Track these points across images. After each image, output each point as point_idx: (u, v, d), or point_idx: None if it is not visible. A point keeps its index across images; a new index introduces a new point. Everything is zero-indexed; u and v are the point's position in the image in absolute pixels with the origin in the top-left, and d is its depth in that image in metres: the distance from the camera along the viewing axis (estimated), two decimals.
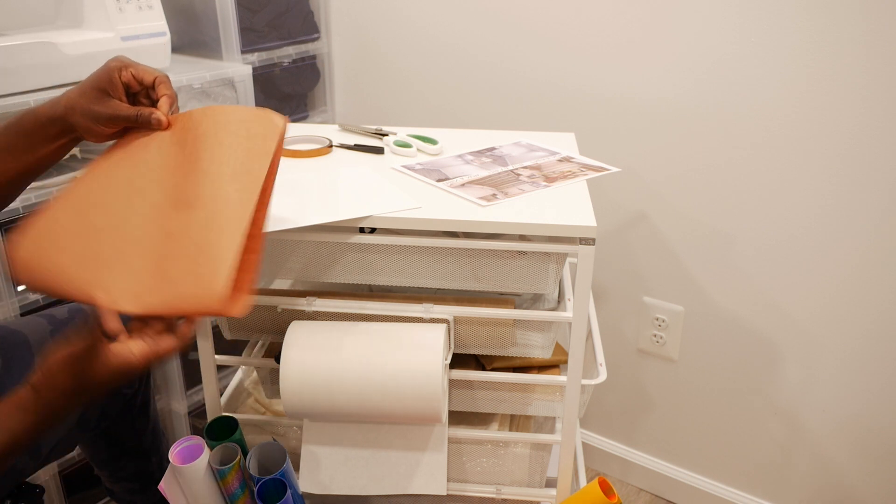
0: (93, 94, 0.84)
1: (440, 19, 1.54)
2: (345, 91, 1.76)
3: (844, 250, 1.22)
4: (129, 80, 0.85)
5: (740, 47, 1.22)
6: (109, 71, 0.84)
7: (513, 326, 0.98)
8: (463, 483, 1.07)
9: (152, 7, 1.38)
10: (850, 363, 1.27)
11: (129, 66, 0.85)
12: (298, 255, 0.99)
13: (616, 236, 1.46)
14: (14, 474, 0.97)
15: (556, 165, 1.10)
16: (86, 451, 1.23)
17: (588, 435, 1.64)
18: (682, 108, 1.31)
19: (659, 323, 1.46)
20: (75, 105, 0.84)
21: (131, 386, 1.14)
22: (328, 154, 1.16)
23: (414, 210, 0.93)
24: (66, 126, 0.85)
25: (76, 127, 0.85)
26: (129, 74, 0.84)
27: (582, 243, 0.90)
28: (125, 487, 1.26)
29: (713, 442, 1.48)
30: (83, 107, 0.83)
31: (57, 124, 0.85)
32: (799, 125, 1.20)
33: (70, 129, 0.85)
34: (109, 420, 1.13)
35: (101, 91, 0.84)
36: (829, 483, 1.36)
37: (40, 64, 1.23)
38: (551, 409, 1.04)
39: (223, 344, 1.07)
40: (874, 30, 1.10)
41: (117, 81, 0.84)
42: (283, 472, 0.91)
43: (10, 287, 1.22)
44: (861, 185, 1.18)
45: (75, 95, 0.84)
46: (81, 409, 0.74)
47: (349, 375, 0.92)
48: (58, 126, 0.85)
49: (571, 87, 1.42)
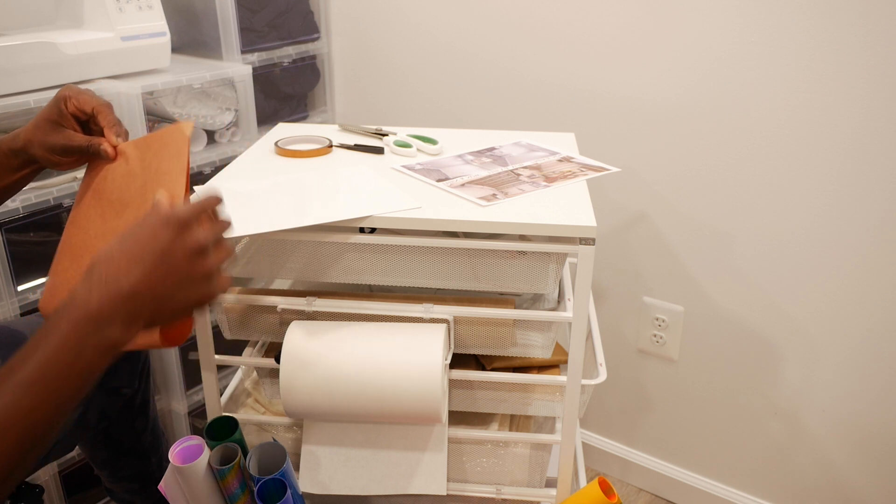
0: (46, 127, 0.87)
1: (440, 19, 1.54)
2: (345, 91, 1.76)
3: (844, 250, 1.22)
4: (75, 110, 0.88)
5: (740, 47, 1.22)
6: (58, 102, 0.87)
7: (513, 326, 0.98)
8: (463, 483, 1.07)
9: (152, 7, 1.38)
10: (850, 363, 1.27)
11: (73, 96, 0.87)
12: (298, 255, 0.99)
13: (616, 236, 1.46)
14: None
15: (556, 165, 1.10)
16: (85, 451, 1.23)
17: (588, 435, 1.64)
18: (682, 108, 1.31)
19: (659, 323, 1.46)
20: (32, 138, 0.87)
21: (131, 385, 1.14)
22: (328, 154, 1.16)
23: (414, 210, 0.93)
24: (27, 158, 0.89)
25: (36, 158, 0.88)
26: (73, 105, 0.87)
27: (582, 243, 0.90)
28: (125, 487, 1.26)
29: (713, 442, 1.48)
30: (39, 139, 0.87)
31: (19, 156, 0.89)
32: (799, 125, 1.20)
33: (31, 161, 0.89)
34: (109, 420, 1.13)
35: (54, 123, 0.87)
36: (829, 483, 1.36)
37: (40, 64, 1.23)
38: (551, 409, 1.04)
39: (223, 344, 1.07)
40: (874, 30, 1.10)
41: (65, 112, 0.87)
42: (283, 472, 0.91)
43: (11, 287, 1.22)
44: (861, 185, 1.18)
45: (31, 128, 0.88)
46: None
47: (349, 375, 0.92)
48: (20, 158, 0.89)
49: (571, 87, 1.42)
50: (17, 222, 1.21)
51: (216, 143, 1.49)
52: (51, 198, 1.24)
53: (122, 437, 1.19)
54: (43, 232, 1.27)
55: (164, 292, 0.63)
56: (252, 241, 1.01)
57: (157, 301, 0.64)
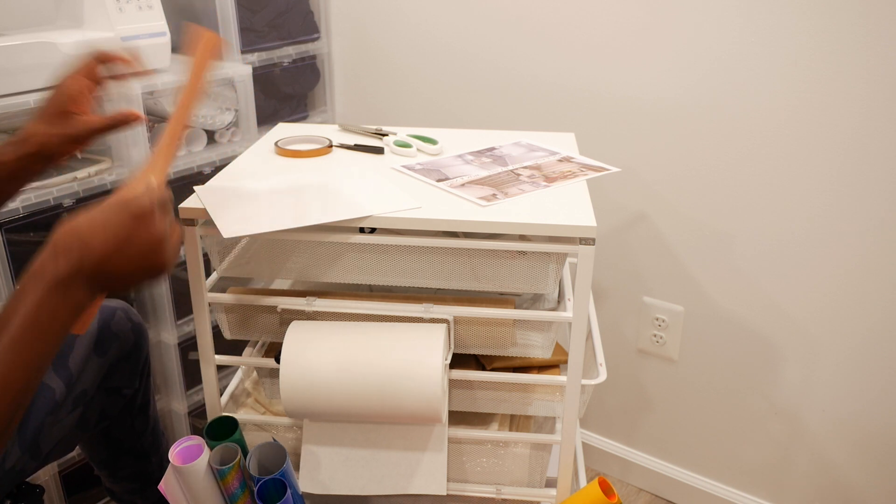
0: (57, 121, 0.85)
1: (440, 19, 1.54)
2: (345, 91, 1.76)
3: (844, 250, 1.22)
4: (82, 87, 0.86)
5: (740, 47, 1.22)
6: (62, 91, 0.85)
7: (513, 326, 0.98)
8: (463, 483, 1.07)
9: (152, 7, 1.38)
10: (850, 363, 1.27)
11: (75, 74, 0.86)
12: (298, 255, 0.99)
13: (616, 236, 1.46)
14: (14, 474, 0.97)
15: (556, 165, 1.10)
16: (86, 451, 1.23)
17: (588, 435, 1.64)
18: (682, 108, 1.31)
19: (659, 323, 1.46)
20: (46, 141, 0.85)
21: (131, 386, 1.14)
22: (328, 154, 1.16)
23: (414, 210, 0.93)
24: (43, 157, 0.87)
25: (54, 156, 0.87)
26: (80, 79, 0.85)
27: (582, 243, 0.90)
28: (125, 487, 1.26)
29: (713, 442, 1.48)
30: (57, 133, 0.85)
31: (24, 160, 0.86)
32: (799, 125, 1.20)
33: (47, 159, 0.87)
34: (109, 420, 1.13)
35: (65, 114, 0.85)
36: (829, 483, 1.36)
37: (40, 64, 1.23)
38: (551, 409, 1.04)
39: (223, 344, 1.07)
40: (874, 29, 1.10)
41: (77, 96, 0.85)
42: (283, 472, 0.91)
43: (11, 287, 1.22)
44: (861, 185, 1.18)
45: (42, 127, 0.85)
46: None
47: (349, 375, 0.92)
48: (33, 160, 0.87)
49: (571, 87, 1.42)
50: (17, 222, 1.21)
51: (216, 143, 1.49)
52: (51, 198, 1.24)
53: (123, 437, 1.19)
54: (43, 232, 1.27)
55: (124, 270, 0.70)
56: (252, 241, 1.01)
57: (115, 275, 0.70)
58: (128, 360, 1.12)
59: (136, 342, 1.12)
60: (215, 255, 1.01)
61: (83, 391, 1.04)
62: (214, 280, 1.04)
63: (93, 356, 1.05)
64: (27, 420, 0.96)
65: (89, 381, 1.05)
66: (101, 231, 0.68)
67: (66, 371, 1.01)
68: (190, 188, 1.01)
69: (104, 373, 1.07)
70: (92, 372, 1.05)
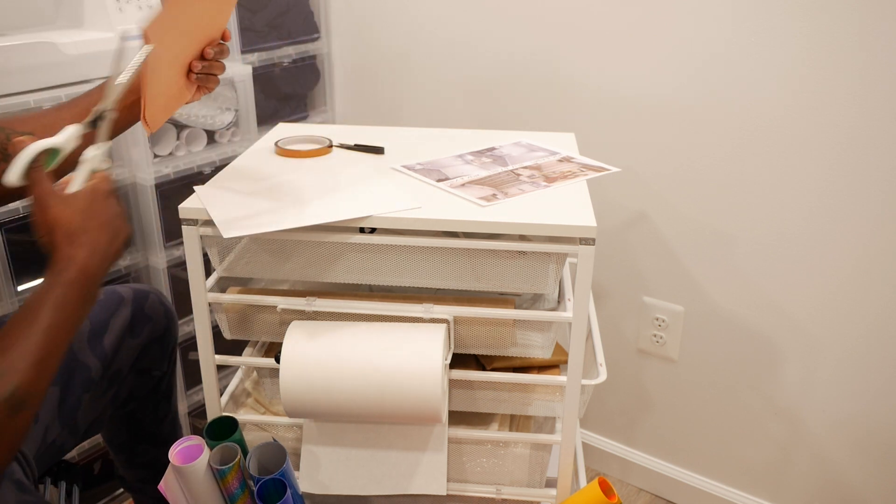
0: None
1: (440, 20, 1.54)
2: (345, 91, 1.76)
3: (844, 250, 1.22)
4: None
5: (739, 47, 1.22)
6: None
7: (513, 326, 0.98)
8: (463, 483, 1.07)
9: (152, 7, 1.38)
10: (850, 363, 1.27)
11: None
12: (298, 255, 0.99)
13: (616, 236, 1.46)
14: (55, 449, 0.99)
15: (556, 165, 1.10)
16: (106, 435, 1.24)
17: (588, 435, 1.64)
18: (682, 107, 1.31)
19: (659, 323, 1.46)
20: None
21: (161, 368, 1.16)
22: (328, 154, 1.16)
23: (414, 210, 0.93)
24: None
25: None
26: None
27: (582, 243, 0.90)
28: (139, 475, 1.26)
29: (713, 442, 1.48)
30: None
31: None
32: (798, 123, 1.20)
33: None
34: (137, 401, 1.15)
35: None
36: (829, 483, 1.36)
37: (40, 64, 1.23)
38: (551, 409, 1.04)
39: (223, 344, 1.07)
40: (871, 27, 1.10)
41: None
42: (283, 472, 0.91)
43: (10, 287, 1.22)
44: (860, 184, 1.18)
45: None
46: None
47: (349, 375, 0.92)
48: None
49: (571, 87, 1.42)
50: (17, 222, 1.21)
51: (216, 143, 1.49)
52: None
53: (145, 421, 1.20)
54: None
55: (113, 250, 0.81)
56: (252, 241, 1.01)
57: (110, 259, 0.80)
58: (159, 343, 1.14)
59: (167, 326, 1.15)
60: (215, 255, 1.01)
61: (118, 370, 1.07)
62: (214, 280, 1.04)
63: (127, 337, 1.07)
64: (66, 396, 0.98)
65: (123, 362, 1.07)
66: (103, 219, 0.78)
67: (102, 350, 1.03)
68: (190, 188, 1.01)
69: (137, 354, 1.10)
70: (126, 352, 1.08)
